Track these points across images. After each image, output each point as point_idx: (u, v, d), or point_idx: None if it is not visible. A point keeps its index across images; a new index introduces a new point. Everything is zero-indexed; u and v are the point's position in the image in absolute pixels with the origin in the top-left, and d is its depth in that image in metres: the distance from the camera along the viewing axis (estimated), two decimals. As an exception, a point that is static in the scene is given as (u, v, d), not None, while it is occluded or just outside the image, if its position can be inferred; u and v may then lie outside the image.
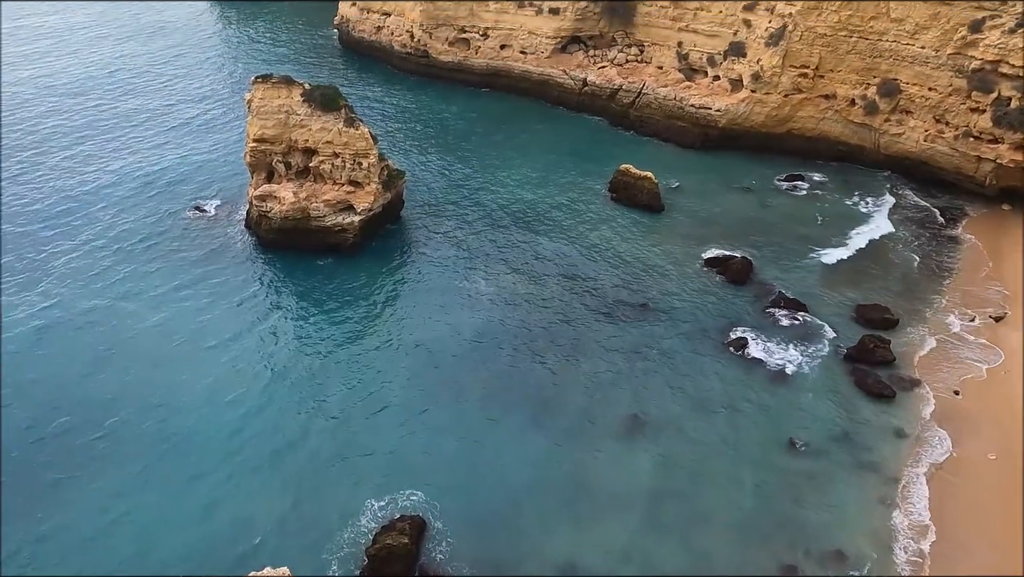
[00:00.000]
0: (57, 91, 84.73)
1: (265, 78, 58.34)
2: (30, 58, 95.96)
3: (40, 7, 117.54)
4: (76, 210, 61.91)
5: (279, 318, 50.59)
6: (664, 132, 76.97)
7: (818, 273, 56.38)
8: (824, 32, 69.20)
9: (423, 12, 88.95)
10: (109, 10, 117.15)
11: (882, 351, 47.66)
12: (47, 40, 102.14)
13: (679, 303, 52.68)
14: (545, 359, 47.39)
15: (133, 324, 48.93)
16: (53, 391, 43.31)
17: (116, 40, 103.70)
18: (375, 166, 57.61)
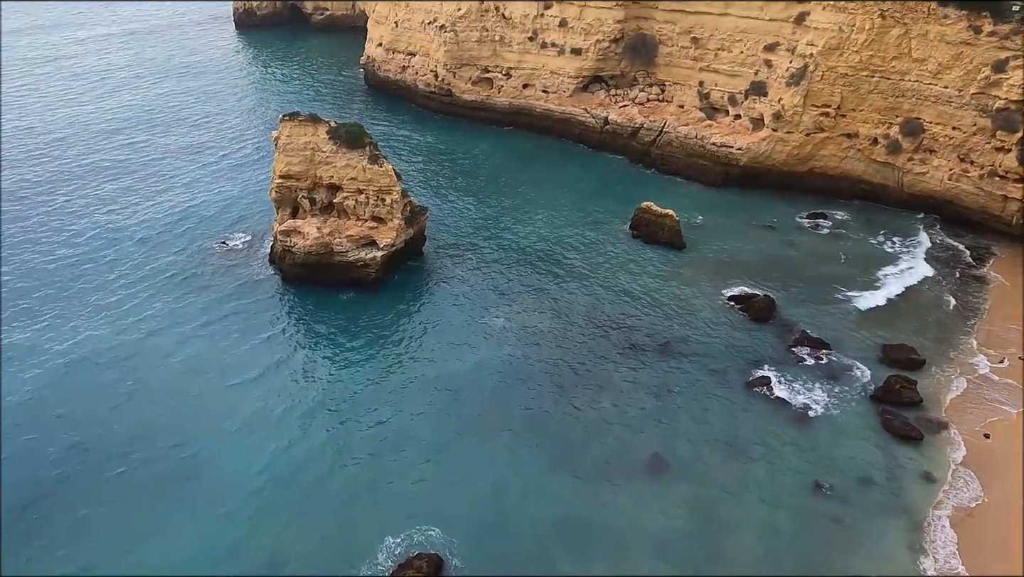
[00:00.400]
0: (93, 129, 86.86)
1: (292, 116, 59.62)
2: (67, 97, 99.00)
3: (79, 49, 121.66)
4: (107, 245, 63.16)
5: (302, 353, 50.92)
6: (685, 170, 77.26)
7: (842, 312, 55.79)
8: (845, 72, 69.50)
9: (447, 52, 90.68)
10: (145, 51, 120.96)
11: (908, 392, 46.87)
12: (85, 81, 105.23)
13: (701, 341, 52.32)
14: (567, 396, 47.15)
15: (159, 358, 49.43)
16: (80, 426, 43.66)
17: (152, 80, 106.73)
18: (398, 202, 58.33)
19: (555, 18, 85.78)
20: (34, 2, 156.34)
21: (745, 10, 76.00)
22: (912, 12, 66.12)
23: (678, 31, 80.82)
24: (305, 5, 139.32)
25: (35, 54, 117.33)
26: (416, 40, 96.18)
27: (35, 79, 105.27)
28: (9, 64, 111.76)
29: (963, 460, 42.56)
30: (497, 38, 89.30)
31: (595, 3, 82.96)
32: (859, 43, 68.11)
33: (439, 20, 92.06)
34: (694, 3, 78.97)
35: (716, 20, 78.11)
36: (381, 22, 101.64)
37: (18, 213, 67.53)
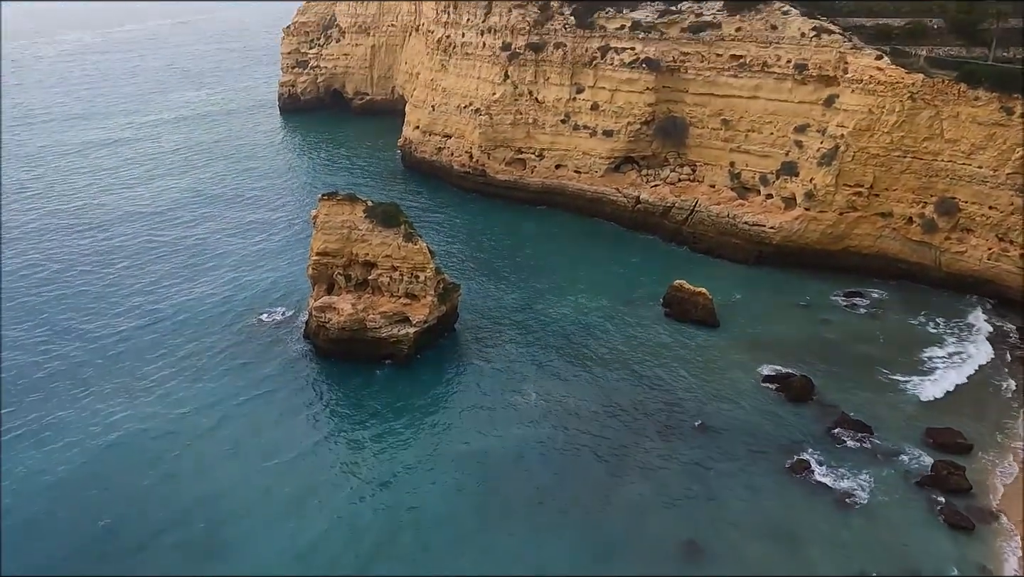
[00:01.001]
0: (143, 211, 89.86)
1: (331, 195, 61.40)
2: (120, 180, 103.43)
3: (133, 134, 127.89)
4: (148, 322, 64.20)
5: (335, 432, 50.71)
6: (718, 248, 77.33)
7: (883, 394, 54.27)
8: (877, 152, 69.83)
9: (482, 134, 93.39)
10: (194, 136, 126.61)
11: (957, 479, 44.96)
12: (138, 164, 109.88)
13: (736, 422, 51.11)
14: (597, 477, 46.07)
15: (194, 437, 49.33)
16: (113, 506, 43.24)
17: (200, 163, 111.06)
18: (431, 279, 59.07)
19: (587, 102, 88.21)
20: (93, 91, 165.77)
21: (774, 93, 77.42)
22: (942, 94, 66.71)
23: (708, 113, 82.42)
24: (346, 90, 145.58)
25: (92, 137, 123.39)
26: (452, 123, 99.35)
27: (90, 162, 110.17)
28: (68, 146, 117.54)
29: (1017, 552, 40.28)
30: (530, 121, 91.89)
31: (626, 88, 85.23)
32: (890, 124, 68.65)
33: (475, 104, 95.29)
34: (724, 87, 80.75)
35: (746, 103, 79.60)
36: (419, 106, 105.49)
37: (66, 291, 69.39)
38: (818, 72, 74.10)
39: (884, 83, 68.73)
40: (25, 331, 62.44)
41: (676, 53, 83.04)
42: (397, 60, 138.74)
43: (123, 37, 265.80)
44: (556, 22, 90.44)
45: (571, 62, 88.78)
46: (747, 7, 79.34)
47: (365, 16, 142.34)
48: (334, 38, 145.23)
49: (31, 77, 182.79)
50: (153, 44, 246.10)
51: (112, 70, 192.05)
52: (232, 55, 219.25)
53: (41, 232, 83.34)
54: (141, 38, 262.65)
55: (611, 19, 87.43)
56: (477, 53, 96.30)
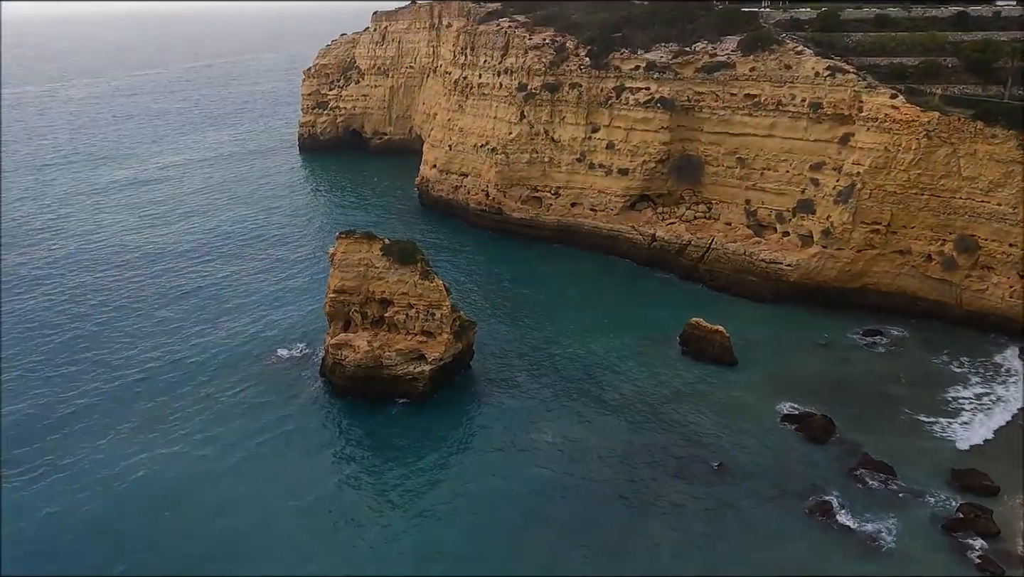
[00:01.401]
0: (166, 253, 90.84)
1: (348, 233, 62.03)
2: (144, 220, 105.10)
3: (158, 175, 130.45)
4: (168, 363, 64.74)
5: (351, 471, 50.46)
6: (734, 286, 76.99)
7: (906, 434, 53.26)
8: (894, 190, 69.64)
9: (498, 173, 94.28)
10: (216, 176, 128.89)
11: (984, 522, 43.81)
12: (163, 206, 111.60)
13: (756, 462, 50.28)
14: (615, 518, 45.36)
15: (212, 478, 49.16)
16: (131, 550, 43.08)
17: (222, 203, 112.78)
18: (447, 317, 59.18)
19: (602, 141, 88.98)
20: (120, 132, 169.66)
21: (789, 131, 77.73)
22: (959, 132, 66.66)
23: (723, 152, 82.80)
24: (365, 130, 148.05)
25: (118, 178, 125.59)
26: (469, 162, 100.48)
27: (116, 202, 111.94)
28: (95, 186, 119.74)
29: (1051, 600, 39.04)
30: (546, 159, 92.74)
31: (641, 127, 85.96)
32: (906, 162, 68.56)
33: (491, 143, 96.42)
34: (738, 125, 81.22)
35: (761, 141, 79.94)
36: (436, 145, 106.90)
37: (88, 331, 69.75)
38: (833, 111, 74.40)
39: (900, 121, 68.85)
40: (47, 370, 63.02)
41: (691, 92, 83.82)
42: (415, 101, 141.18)
43: (150, 80, 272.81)
44: (571, 63, 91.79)
45: (586, 102, 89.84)
46: (761, 47, 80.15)
47: (384, 58, 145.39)
48: (353, 79, 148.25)
49: (61, 119, 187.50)
50: (179, 87, 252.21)
51: (139, 112, 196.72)
52: (254, 97, 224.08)
53: (66, 271, 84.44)
54: (167, 81, 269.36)
55: (626, 60, 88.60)
56: (494, 94, 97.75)
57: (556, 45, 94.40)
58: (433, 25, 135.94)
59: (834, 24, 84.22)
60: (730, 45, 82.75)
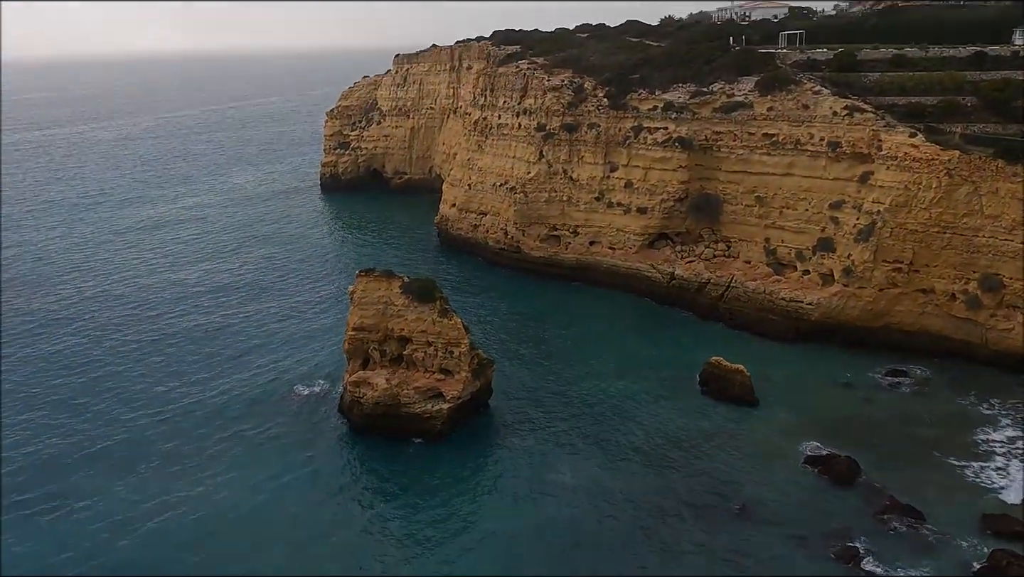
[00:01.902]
0: (190, 294, 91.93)
1: (368, 272, 62.53)
2: (168, 262, 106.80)
3: (182, 216, 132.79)
4: (185, 396, 65.40)
5: (370, 509, 50.06)
6: (755, 325, 76.37)
7: (933, 477, 51.93)
8: (916, 228, 69.12)
9: (517, 212, 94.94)
10: (239, 214, 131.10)
11: (1018, 569, 42.39)
12: (187, 247, 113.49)
13: (779, 505, 49.23)
14: (634, 562, 44.46)
15: (233, 517, 49.00)
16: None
17: (245, 241, 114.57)
18: (465, 355, 59.14)
19: (621, 180, 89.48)
20: (147, 173, 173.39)
21: (808, 170, 77.73)
22: (980, 170, 66.31)
23: (742, 190, 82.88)
24: (385, 170, 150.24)
25: (144, 219, 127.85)
26: (488, 201, 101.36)
27: (141, 243, 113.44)
28: (119, 229, 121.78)
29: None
30: (565, 198, 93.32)
31: (659, 166, 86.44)
32: (927, 201, 68.16)
33: (510, 183, 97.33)
34: (757, 164, 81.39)
35: (779, 180, 79.97)
36: (455, 184, 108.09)
37: (112, 370, 70.12)
38: (852, 149, 74.39)
39: (920, 160, 68.66)
40: (69, 409, 63.50)
41: (709, 132, 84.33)
42: (435, 141, 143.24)
43: (177, 122, 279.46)
44: (590, 104, 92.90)
45: (605, 141, 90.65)
46: (778, 87, 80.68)
47: (405, 100, 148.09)
48: (375, 120, 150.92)
49: (90, 160, 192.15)
50: (204, 129, 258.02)
51: (166, 153, 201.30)
52: (277, 138, 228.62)
53: (91, 311, 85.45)
54: (193, 123, 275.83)
55: (644, 100, 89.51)
56: (513, 134, 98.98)
57: (574, 86, 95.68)
58: (453, 67, 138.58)
59: (851, 64, 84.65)
60: (747, 85, 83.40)
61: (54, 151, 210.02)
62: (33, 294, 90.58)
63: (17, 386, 67.12)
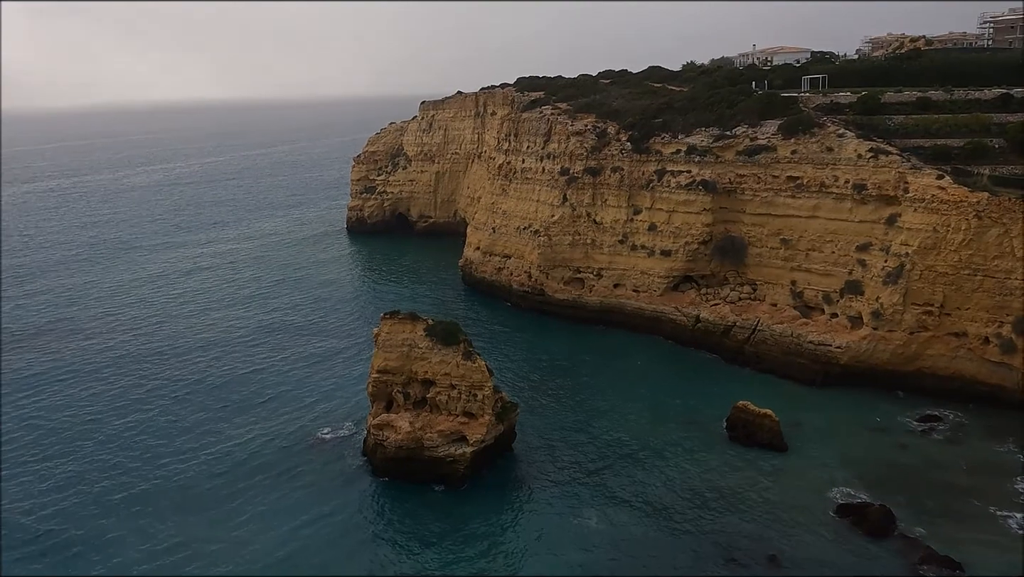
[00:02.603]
0: (220, 336, 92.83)
1: (393, 314, 62.85)
2: (200, 305, 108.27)
3: (213, 261, 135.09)
4: (203, 436, 65.65)
5: (395, 556, 49.43)
6: (782, 368, 75.27)
7: (972, 527, 50.24)
8: (945, 271, 68.17)
9: (541, 255, 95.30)
10: (268, 256, 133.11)
11: (1064, 627, 40.59)
12: (217, 292, 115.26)
13: (810, 555, 47.79)
14: (662, 613, 43.31)
15: (250, 558, 48.84)
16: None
17: (272, 286, 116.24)
18: (489, 398, 58.88)
19: (644, 223, 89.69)
20: (180, 218, 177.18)
21: (834, 213, 77.29)
22: (1010, 212, 65.48)
23: (767, 233, 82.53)
24: (411, 213, 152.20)
25: (172, 265, 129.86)
26: (512, 244, 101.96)
27: (167, 291, 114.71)
28: (149, 275, 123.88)
29: None
30: (588, 241, 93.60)
31: (683, 209, 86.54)
32: (956, 243, 67.32)
33: (534, 226, 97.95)
34: (781, 207, 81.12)
35: (804, 222, 79.56)
36: (480, 228, 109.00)
37: (142, 420, 70.21)
38: (877, 192, 73.97)
39: (948, 202, 68.02)
40: (95, 457, 63.88)
41: (732, 175, 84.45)
42: (460, 185, 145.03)
43: (210, 166, 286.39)
44: (613, 148, 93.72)
45: (628, 185, 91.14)
46: (801, 131, 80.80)
47: (431, 145, 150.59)
48: (401, 165, 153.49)
49: (124, 206, 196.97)
50: (236, 173, 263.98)
51: (198, 199, 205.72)
52: (306, 183, 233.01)
53: (121, 358, 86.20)
54: (225, 167, 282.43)
55: (667, 144, 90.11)
56: (536, 177, 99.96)
57: (598, 131, 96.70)
58: (478, 113, 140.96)
59: (875, 107, 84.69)
60: (770, 129, 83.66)
61: (91, 196, 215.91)
62: (67, 339, 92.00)
63: (45, 433, 67.68)
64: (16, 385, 77.43)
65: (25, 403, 73.41)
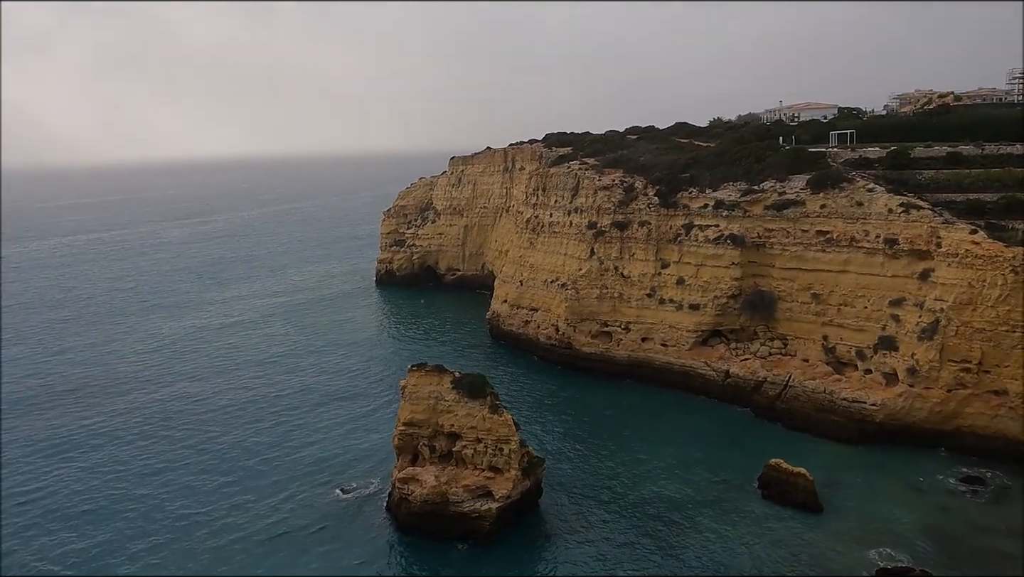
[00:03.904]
0: (250, 385, 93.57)
1: (420, 366, 62.87)
2: (230, 360, 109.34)
3: (245, 316, 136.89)
4: (227, 491, 65.45)
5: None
6: (815, 425, 73.52)
7: (1020, 596, 48.01)
8: (983, 327, 66.68)
9: (568, 308, 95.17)
10: (297, 308, 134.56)
11: None
12: (242, 342, 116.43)
13: (850, 622, 45.88)
14: None
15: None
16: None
17: (302, 336, 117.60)
18: (516, 452, 58.17)
19: (672, 276, 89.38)
20: (215, 271, 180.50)
21: (865, 267, 76.39)
22: (1048, 267, 64.21)
23: (797, 287, 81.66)
24: (439, 266, 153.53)
25: (205, 321, 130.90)
26: (539, 297, 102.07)
27: (198, 348, 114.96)
28: (186, 330, 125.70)
29: None
30: (616, 295, 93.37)
31: (711, 263, 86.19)
32: (993, 298, 65.97)
33: (561, 279, 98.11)
34: (811, 261, 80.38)
35: (835, 277, 78.67)
36: (507, 281, 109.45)
37: (167, 484, 69.48)
38: (910, 246, 73.06)
39: (982, 257, 66.95)
40: (117, 512, 64.12)
41: (761, 229, 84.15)
42: (488, 239, 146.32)
43: (244, 221, 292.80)
44: (640, 202, 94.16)
45: (656, 238, 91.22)
46: (831, 185, 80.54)
47: (460, 199, 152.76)
48: (430, 219, 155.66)
49: (164, 260, 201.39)
50: (269, 227, 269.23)
51: (230, 253, 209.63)
52: (336, 237, 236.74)
53: (152, 411, 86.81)
54: (259, 222, 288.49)
55: (694, 198, 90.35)
56: (564, 231, 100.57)
57: (625, 185, 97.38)
58: (507, 168, 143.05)
59: (904, 162, 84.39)
60: (799, 183, 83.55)
61: (126, 250, 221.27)
62: (100, 397, 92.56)
63: (80, 490, 68.01)
64: (41, 448, 76.66)
65: (52, 465, 73.26)
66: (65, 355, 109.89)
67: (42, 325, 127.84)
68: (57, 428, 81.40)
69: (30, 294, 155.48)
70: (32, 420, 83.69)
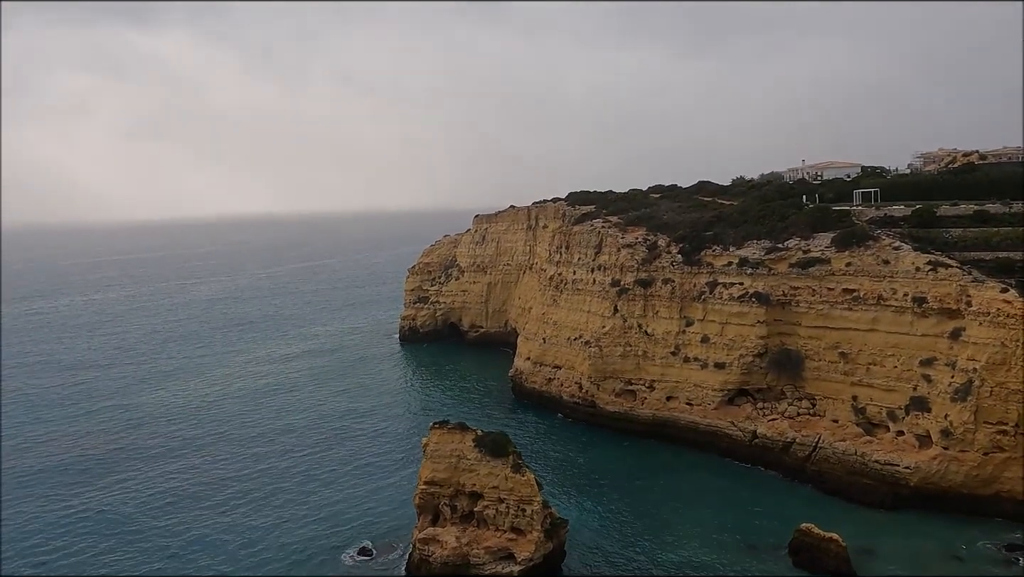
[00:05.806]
0: (272, 443, 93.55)
1: (442, 424, 62.43)
2: (257, 411, 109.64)
3: (265, 368, 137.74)
4: (241, 551, 64.62)
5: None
6: (847, 489, 71.39)
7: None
8: (1018, 388, 64.95)
9: (592, 365, 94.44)
10: (320, 364, 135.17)
11: None
12: (268, 401, 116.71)
13: None
14: None
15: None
16: None
17: (324, 392, 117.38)
18: (538, 513, 57.07)
19: (697, 334, 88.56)
20: (239, 327, 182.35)
21: (894, 326, 75.18)
22: (1083, 327, 62.78)
23: (824, 346, 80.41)
24: (462, 323, 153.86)
25: (231, 381, 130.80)
26: (562, 354, 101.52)
27: (226, 397, 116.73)
28: (211, 379, 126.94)
29: None
30: (640, 352, 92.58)
31: (736, 320, 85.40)
32: (1027, 358, 64.45)
33: (584, 336, 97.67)
34: (838, 319, 79.36)
35: (864, 336, 77.43)
36: (530, 338, 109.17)
37: (181, 528, 70.32)
38: (939, 305, 71.89)
39: (1014, 316, 65.68)
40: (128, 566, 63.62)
41: (786, 287, 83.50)
42: (511, 296, 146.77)
43: (268, 278, 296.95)
44: (664, 260, 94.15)
45: (680, 296, 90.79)
46: (856, 243, 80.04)
47: (483, 256, 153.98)
48: (454, 276, 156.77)
49: (195, 317, 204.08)
50: (292, 285, 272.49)
51: (256, 311, 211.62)
52: (360, 294, 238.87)
53: (169, 473, 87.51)
54: (283, 279, 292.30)
55: (718, 256, 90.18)
56: (587, 289, 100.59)
57: (648, 243, 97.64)
58: (530, 226, 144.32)
59: (930, 220, 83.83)
60: (823, 241, 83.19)
61: (157, 305, 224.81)
62: (132, 461, 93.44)
63: (103, 551, 67.92)
64: (78, 518, 77.04)
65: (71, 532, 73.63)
66: (98, 416, 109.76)
67: (56, 389, 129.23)
68: (69, 499, 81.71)
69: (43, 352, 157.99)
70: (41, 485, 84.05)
